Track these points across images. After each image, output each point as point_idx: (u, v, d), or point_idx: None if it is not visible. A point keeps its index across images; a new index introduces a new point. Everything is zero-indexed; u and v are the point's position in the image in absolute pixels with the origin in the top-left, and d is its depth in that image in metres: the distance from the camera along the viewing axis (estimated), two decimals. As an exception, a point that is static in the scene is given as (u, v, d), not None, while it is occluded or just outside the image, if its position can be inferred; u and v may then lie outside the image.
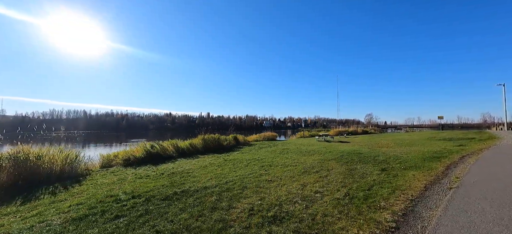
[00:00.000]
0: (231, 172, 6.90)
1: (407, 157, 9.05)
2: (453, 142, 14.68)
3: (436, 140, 16.51)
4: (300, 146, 14.43)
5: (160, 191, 5.07)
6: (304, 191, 4.98)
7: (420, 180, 5.62)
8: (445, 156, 8.88)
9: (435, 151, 10.54)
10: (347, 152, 10.65)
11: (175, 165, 8.28)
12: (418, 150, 11.25)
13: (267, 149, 13.40)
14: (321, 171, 6.87)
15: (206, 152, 12.19)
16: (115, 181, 6.23)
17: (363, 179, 5.81)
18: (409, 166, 7.34)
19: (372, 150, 11.63)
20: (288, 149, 13.04)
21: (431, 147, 12.43)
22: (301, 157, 9.65)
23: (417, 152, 10.73)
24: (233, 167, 7.67)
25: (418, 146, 13.17)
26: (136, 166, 8.48)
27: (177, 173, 6.87)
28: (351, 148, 12.89)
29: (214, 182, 5.75)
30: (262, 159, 9.18)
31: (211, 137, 13.66)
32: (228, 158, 9.63)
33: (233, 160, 9.05)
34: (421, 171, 6.59)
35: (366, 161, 8.32)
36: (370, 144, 15.19)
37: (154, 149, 9.85)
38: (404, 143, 15.46)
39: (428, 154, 9.66)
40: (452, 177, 5.83)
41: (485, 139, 15.25)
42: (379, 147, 13.57)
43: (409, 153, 10.40)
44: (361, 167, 7.42)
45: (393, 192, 4.72)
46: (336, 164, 7.98)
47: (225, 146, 14.34)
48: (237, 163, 8.36)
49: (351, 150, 11.73)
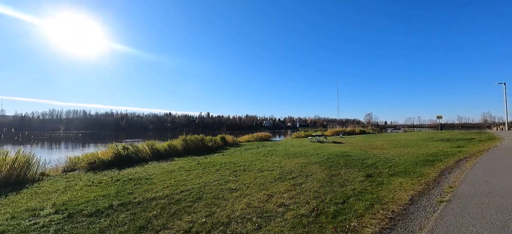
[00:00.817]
0: (196, 179, 6.07)
1: (398, 161, 8.19)
2: (451, 143, 13.79)
3: (433, 141, 15.62)
4: (290, 147, 13.59)
5: (95, 203, 4.25)
6: (268, 204, 4.15)
7: (406, 190, 4.77)
8: (440, 160, 8.01)
9: (430, 154, 9.67)
10: (335, 155, 9.79)
11: (140, 170, 7.46)
12: (412, 152, 10.38)
13: (253, 150, 12.56)
14: (298, 177, 6.04)
15: (187, 154, 11.37)
16: (59, 189, 5.42)
17: (342, 188, 4.97)
18: (398, 171, 6.48)
19: (363, 152, 10.77)
20: (275, 150, 12.19)
21: (427, 149, 11.55)
22: (283, 160, 8.81)
23: (411, 154, 9.87)
24: (201, 172, 6.84)
25: (413, 148, 12.29)
26: (99, 170, 7.67)
27: (134, 180, 6.05)
28: (342, 149, 12.04)
29: (167, 192, 4.93)
30: (239, 163, 8.35)
31: (195, 137, 12.84)
32: (203, 161, 8.80)
33: (207, 164, 8.22)
34: (410, 178, 5.73)
35: (353, 165, 7.47)
36: (364, 145, 14.33)
37: (125, 152, 9.03)
38: (399, 144, 14.58)
39: (422, 157, 8.79)
40: (444, 187, 4.96)
41: (485, 140, 14.33)
42: (372, 148, 12.71)
43: (402, 155, 9.54)
44: (345, 172, 6.57)
45: (371, 207, 3.88)
46: (319, 168, 7.14)
47: (210, 147, 13.52)
48: (209, 167, 7.54)
49: (341, 152, 10.87)
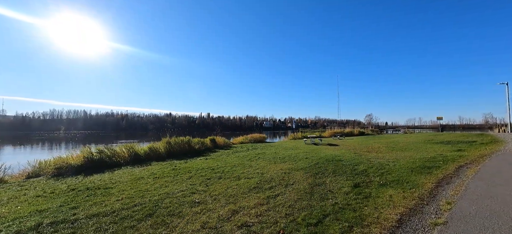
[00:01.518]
0: (161, 188, 5.37)
1: (393, 167, 7.44)
2: (451, 146, 12.99)
3: (433, 144, 14.82)
4: (281, 150, 12.87)
5: (23, 222, 3.56)
6: (228, 223, 3.45)
7: (396, 205, 4.03)
8: (438, 166, 7.24)
9: (428, 158, 8.91)
10: (326, 159, 9.06)
11: (107, 177, 6.76)
12: (409, 157, 9.62)
13: (241, 153, 11.85)
14: (277, 187, 5.32)
15: (170, 157, 10.68)
16: (2, 201, 4.74)
17: (321, 203, 4.25)
18: (390, 180, 5.74)
19: (357, 156, 10.03)
20: (264, 154, 11.48)
21: (425, 153, 10.78)
22: (268, 165, 8.10)
23: (408, 159, 9.11)
24: (171, 180, 6.14)
25: (411, 151, 11.52)
26: (65, 176, 7.00)
27: (91, 190, 5.36)
28: (335, 153, 11.30)
29: (118, 206, 4.23)
30: (218, 168, 7.64)
31: (180, 140, 12.16)
32: (181, 167, 8.10)
33: (183, 169, 7.52)
34: (402, 189, 4.99)
35: (341, 172, 6.74)
36: (359, 148, 13.57)
37: (99, 156, 8.35)
38: (397, 146, 13.81)
39: (419, 162, 8.04)
40: (441, 202, 4.21)
41: (487, 143, 13.51)
42: (368, 151, 11.96)
43: (398, 160, 8.79)
44: (330, 181, 5.85)
45: (349, 231, 3.15)
46: (303, 176, 6.41)
47: (197, 150, 12.83)
48: (182, 174, 6.83)
49: (333, 156, 10.14)
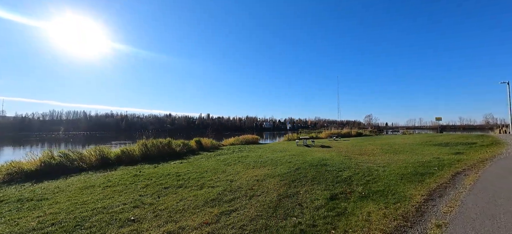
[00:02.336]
0: (101, 200, 4.57)
1: (382, 173, 6.59)
2: (449, 149, 12.12)
3: (430, 145, 13.94)
4: (267, 153, 12.04)
5: None
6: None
7: (372, 228, 3.19)
8: (432, 173, 6.37)
9: (423, 162, 8.05)
10: (310, 163, 8.23)
11: (53, 185, 5.94)
12: (403, 160, 8.77)
13: (222, 156, 11.02)
14: (239, 199, 4.51)
15: (145, 161, 9.88)
16: None
17: (283, 222, 3.43)
18: (375, 191, 4.90)
19: (346, 160, 9.19)
20: (247, 157, 10.66)
21: (421, 156, 9.92)
22: (244, 171, 7.28)
23: (401, 163, 8.26)
24: (121, 190, 5.33)
25: (405, 154, 10.66)
26: (16, 182, 6.23)
27: (21, 202, 4.55)
28: (324, 156, 10.45)
29: (33, 225, 3.44)
30: (186, 174, 6.82)
31: (159, 142, 11.36)
32: (146, 172, 7.28)
33: (144, 176, 6.69)
34: (385, 203, 4.14)
35: (322, 180, 5.91)
36: (352, 150, 12.72)
37: (57, 160, 7.56)
38: (391, 149, 12.95)
39: (412, 168, 7.18)
40: (429, 224, 3.35)
41: (488, 145, 12.61)
42: (360, 154, 11.11)
43: (389, 164, 7.94)
44: (305, 191, 5.02)
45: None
46: (276, 184, 5.59)
47: (178, 153, 12.02)
48: (139, 182, 6.01)
49: (320, 159, 9.30)
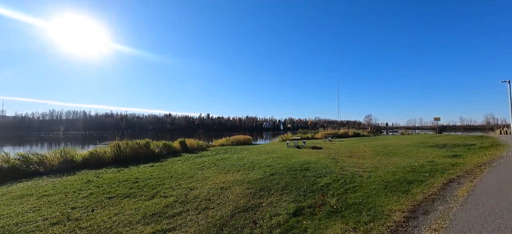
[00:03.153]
0: (22, 214, 3.83)
1: (365, 180, 5.80)
2: (445, 151, 11.29)
3: (426, 147, 13.12)
4: (251, 155, 11.28)
5: None
6: None
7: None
8: (422, 181, 5.56)
9: (414, 167, 7.24)
10: (290, 167, 7.45)
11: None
12: (393, 164, 7.97)
13: (202, 159, 10.25)
14: (188, 213, 3.77)
15: (117, 164, 9.14)
16: None
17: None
18: (350, 204, 4.11)
19: (332, 163, 8.40)
20: (227, 159, 9.89)
21: (414, 159, 9.12)
22: (213, 176, 6.51)
23: (390, 167, 7.47)
24: (58, 200, 4.57)
25: (398, 157, 9.86)
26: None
27: None
28: (309, 159, 9.67)
29: None
30: (143, 181, 6.04)
31: (135, 143, 10.61)
32: (103, 177, 6.51)
33: (97, 182, 5.93)
34: (356, 222, 3.35)
35: (295, 188, 5.13)
36: (342, 152, 11.93)
37: (8, 164, 6.82)
38: (385, 150, 12.14)
39: (401, 173, 6.38)
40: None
41: (487, 147, 11.76)
42: (349, 157, 10.32)
43: (377, 169, 7.14)
44: (270, 202, 4.25)
45: None
46: (241, 193, 4.82)
47: (156, 155, 11.27)
48: (86, 190, 5.25)
49: (304, 162, 8.52)
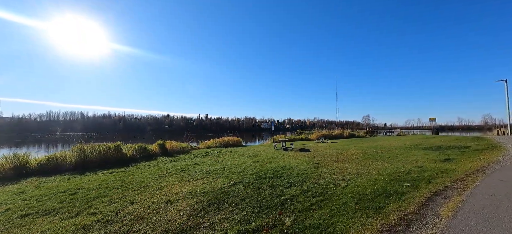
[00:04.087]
0: None
1: (339, 191, 4.99)
2: (438, 154, 10.48)
3: (418, 149, 12.31)
4: (230, 159, 10.48)
5: None
6: None
7: None
8: (402, 193, 4.71)
9: (399, 174, 6.42)
10: (262, 174, 6.65)
11: None
12: (378, 170, 7.15)
13: (171, 164, 9.42)
14: None
15: (79, 169, 8.32)
16: None
17: None
18: (304, 228, 3.28)
19: (312, 169, 7.61)
20: (201, 164, 9.09)
21: (403, 163, 8.32)
22: (172, 185, 5.70)
23: (374, 174, 6.66)
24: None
25: (386, 161, 9.05)
26: None
27: None
28: (289, 163, 8.88)
29: None
30: (83, 192, 5.21)
31: (102, 146, 9.78)
32: (40, 187, 5.69)
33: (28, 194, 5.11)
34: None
35: (251, 202, 4.31)
36: (329, 156, 11.13)
37: None
38: (375, 153, 11.35)
39: (382, 182, 5.56)
40: None
41: (483, 150, 10.93)
42: (334, 161, 9.52)
43: (358, 177, 6.33)
44: (212, 223, 3.45)
45: None
46: (185, 209, 4.00)
47: (129, 158, 10.45)
48: (5, 203, 4.44)
49: (280, 168, 7.72)
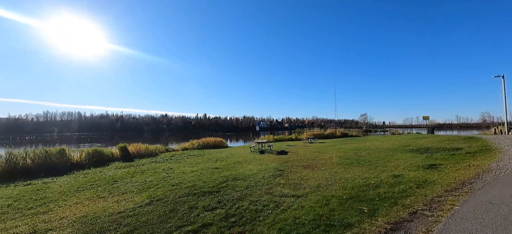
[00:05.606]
0: None
1: (271, 219, 3.71)
2: (424, 157, 9.18)
3: (406, 151, 11.03)
4: (184, 167, 9.22)
5: None
6: None
7: None
8: (349, 227, 3.36)
9: (364, 188, 5.11)
10: (201, 186, 5.37)
11: None
12: (345, 181, 5.86)
13: (109, 173, 8.14)
14: None
15: (3, 180, 7.07)
16: None
17: None
18: None
19: (270, 178, 6.33)
20: (151, 170, 7.81)
21: (380, 171, 7.03)
22: (76, 206, 4.43)
23: (337, 186, 5.37)
24: None
25: (362, 167, 7.76)
26: None
27: None
28: (250, 170, 7.62)
29: None
30: None
31: (43, 151, 8.50)
32: None
33: None
34: None
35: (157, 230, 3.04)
36: (304, 159, 9.87)
37: None
38: (355, 156, 10.08)
39: (335, 203, 4.25)
40: None
41: (475, 152, 9.58)
42: (305, 166, 8.27)
43: (315, 191, 5.04)
44: None
45: None
46: None
47: (75, 165, 9.17)
48: None
49: (232, 177, 6.45)
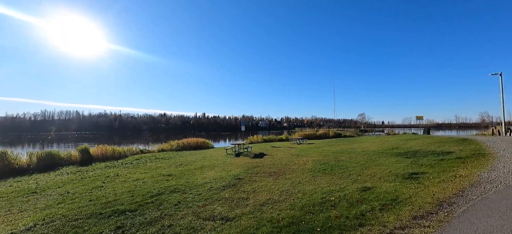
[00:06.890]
0: None
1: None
2: (409, 163, 8.10)
3: (390, 155, 9.94)
4: (135, 174, 8.19)
5: None
6: None
7: None
8: None
9: (315, 210, 4.06)
10: (122, 201, 4.33)
11: None
12: (297, 199, 4.82)
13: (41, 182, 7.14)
14: None
15: None
16: None
17: None
18: None
19: (217, 191, 5.33)
20: (93, 178, 6.79)
21: (349, 181, 5.98)
22: None
23: (284, 205, 4.35)
24: None
25: (330, 176, 6.73)
26: None
27: None
28: (203, 178, 6.63)
29: None
30: None
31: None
32: None
33: None
34: None
35: None
36: (275, 165, 8.87)
37: None
38: (333, 161, 9.06)
39: (281, 223, 3.19)
40: None
41: (466, 157, 8.43)
42: (270, 174, 7.27)
43: (250, 214, 4.00)
44: None
45: None
46: None
47: (19, 170, 8.14)
48: None
49: (172, 189, 5.43)
